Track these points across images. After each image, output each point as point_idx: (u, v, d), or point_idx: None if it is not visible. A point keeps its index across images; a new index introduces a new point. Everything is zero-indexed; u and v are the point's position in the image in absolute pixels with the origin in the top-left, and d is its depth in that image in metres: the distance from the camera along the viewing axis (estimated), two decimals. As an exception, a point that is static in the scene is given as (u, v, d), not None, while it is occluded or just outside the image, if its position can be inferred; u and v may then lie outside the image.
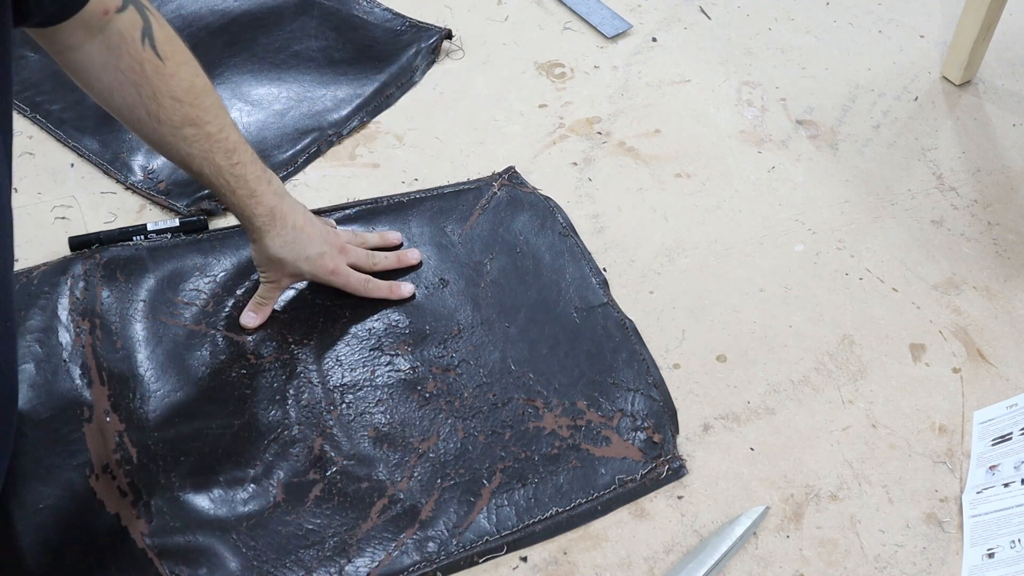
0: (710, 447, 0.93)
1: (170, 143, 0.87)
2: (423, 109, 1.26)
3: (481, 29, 1.38)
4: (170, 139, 0.87)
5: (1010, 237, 1.14)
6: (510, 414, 0.94)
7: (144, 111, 0.85)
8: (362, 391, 0.95)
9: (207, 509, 0.85)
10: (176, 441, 0.89)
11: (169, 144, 0.88)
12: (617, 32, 1.38)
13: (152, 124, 0.86)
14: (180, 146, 0.87)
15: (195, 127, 0.87)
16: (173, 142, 0.87)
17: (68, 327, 0.97)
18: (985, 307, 1.06)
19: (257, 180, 0.92)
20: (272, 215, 0.93)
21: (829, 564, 0.85)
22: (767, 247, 1.12)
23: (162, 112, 0.85)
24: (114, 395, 0.92)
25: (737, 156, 1.22)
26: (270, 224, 0.93)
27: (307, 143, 1.20)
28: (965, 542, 0.86)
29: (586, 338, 1.00)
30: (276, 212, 0.93)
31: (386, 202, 1.13)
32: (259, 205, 0.92)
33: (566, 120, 1.26)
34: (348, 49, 1.32)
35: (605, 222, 1.13)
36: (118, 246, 1.05)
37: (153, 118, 0.85)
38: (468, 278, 1.05)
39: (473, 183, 1.16)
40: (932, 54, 1.38)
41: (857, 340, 1.02)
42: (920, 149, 1.24)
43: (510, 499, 0.87)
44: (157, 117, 0.85)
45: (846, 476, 0.91)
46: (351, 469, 0.89)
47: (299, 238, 0.96)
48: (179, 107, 0.85)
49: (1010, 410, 0.94)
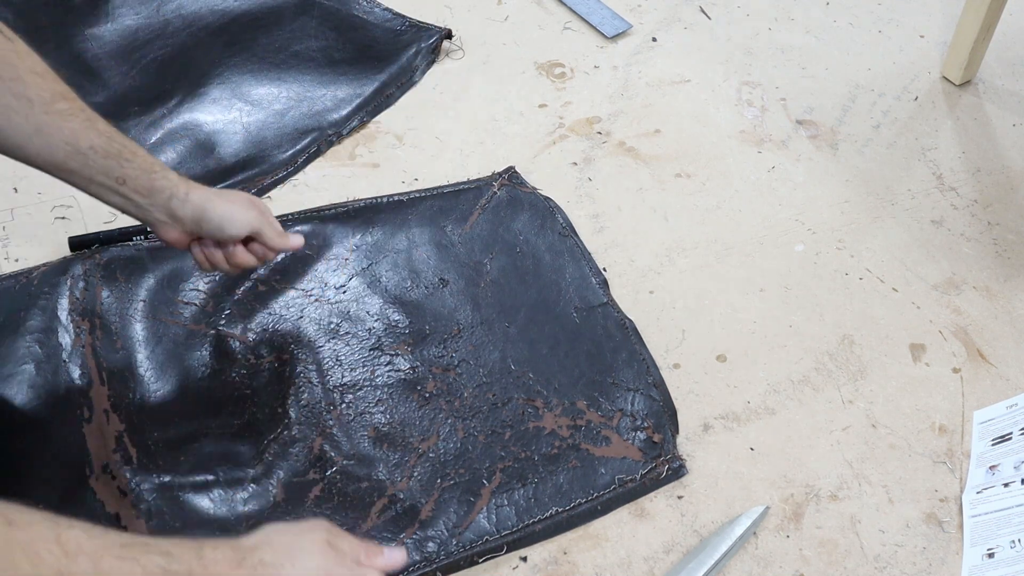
0: (710, 447, 0.93)
1: (48, 125, 0.79)
2: (423, 109, 1.26)
3: (481, 29, 1.38)
4: (46, 119, 0.79)
5: (1010, 237, 1.14)
6: (510, 414, 0.94)
7: (11, 95, 0.77)
8: (362, 391, 0.95)
9: (207, 509, 0.85)
10: (176, 441, 0.89)
11: (47, 127, 0.79)
12: (617, 32, 1.38)
13: (23, 108, 0.78)
14: (60, 124, 0.80)
15: (66, 101, 0.80)
16: (51, 121, 0.79)
17: (68, 327, 0.97)
18: (985, 307, 1.06)
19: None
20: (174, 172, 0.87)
21: (829, 564, 0.85)
22: (767, 247, 1.12)
23: (30, 90, 0.78)
24: (114, 395, 0.92)
25: (737, 156, 1.22)
26: (182, 179, 0.87)
27: (307, 143, 1.20)
28: (965, 542, 0.86)
29: (586, 338, 1.00)
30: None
31: (386, 201, 1.13)
32: (162, 166, 0.86)
33: (566, 120, 1.26)
34: (348, 49, 1.32)
35: (605, 222, 1.13)
36: (118, 246, 1.05)
37: (22, 100, 0.78)
38: (468, 278, 1.05)
39: (473, 183, 1.16)
40: (932, 54, 1.38)
41: (857, 340, 1.02)
42: (920, 149, 1.24)
43: (510, 499, 0.87)
44: (27, 97, 0.78)
45: (846, 476, 0.91)
46: (351, 469, 0.89)
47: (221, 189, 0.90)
48: (44, 82, 0.79)
49: (1010, 410, 0.94)
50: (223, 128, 1.21)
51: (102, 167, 0.82)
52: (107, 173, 0.82)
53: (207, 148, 1.18)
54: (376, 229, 1.09)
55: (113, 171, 0.82)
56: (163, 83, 1.25)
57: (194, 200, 0.86)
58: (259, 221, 0.89)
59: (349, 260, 1.06)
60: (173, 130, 1.19)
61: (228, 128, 1.21)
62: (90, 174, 0.82)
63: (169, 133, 1.19)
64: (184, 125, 1.21)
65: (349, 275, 1.05)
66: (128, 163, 0.83)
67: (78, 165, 0.81)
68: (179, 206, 0.86)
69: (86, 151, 0.80)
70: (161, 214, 0.86)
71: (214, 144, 1.19)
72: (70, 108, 0.80)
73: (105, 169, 0.82)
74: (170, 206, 0.85)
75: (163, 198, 0.85)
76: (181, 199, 0.85)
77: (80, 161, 0.81)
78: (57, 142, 0.79)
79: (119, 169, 0.82)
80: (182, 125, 1.21)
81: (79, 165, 0.81)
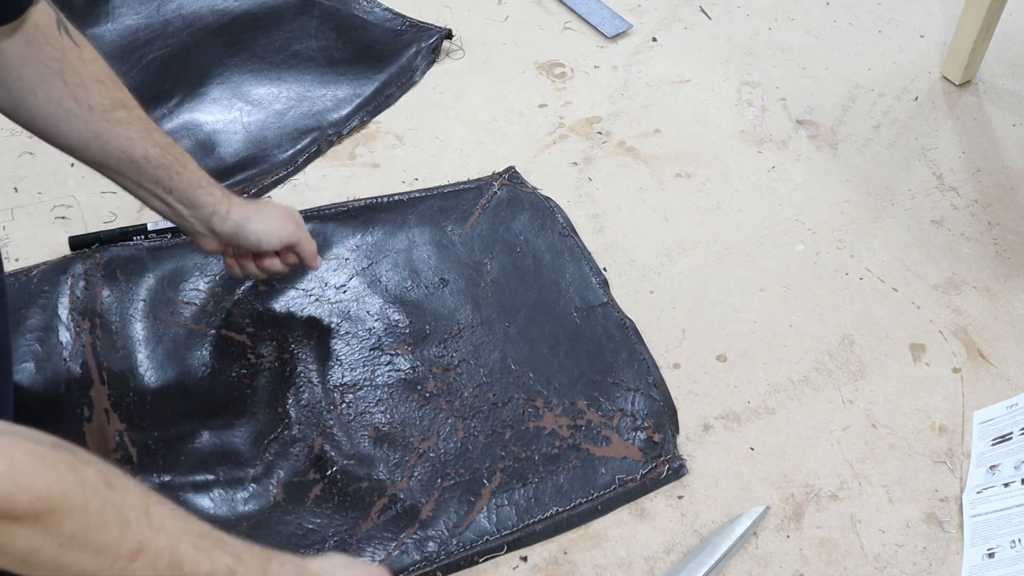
0: (710, 447, 0.93)
1: (106, 132, 0.83)
2: (423, 109, 1.26)
3: (481, 29, 1.38)
4: (105, 127, 0.82)
5: (1010, 237, 1.14)
6: (510, 414, 0.94)
7: (73, 101, 0.81)
8: (362, 391, 0.95)
9: (207, 509, 0.85)
10: (176, 441, 0.89)
11: (105, 134, 0.83)
12: (617, 32, 1.38)
13: (84, 114, 0.81)
14: (118, 132, 0.83)
15: (125, 109, 0.83)
16: (109, 128, 0.83)
17: (68, 326, 0.97)
18: (985, 307, 1.06)
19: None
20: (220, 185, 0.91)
21: (829, 564, 0.85)
22: (767, 247, 1.12)
23: (92, 97, 0.81)
24: (114, 395, 0.92)
25: (737, 156, 1.22)
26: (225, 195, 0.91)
27: (307, 143, 1.20)
28: (965, 542, 0.86)
29: (586, 338, 1.00)
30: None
31: (386, 201, 1.13)
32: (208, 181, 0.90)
33: (566, 120, 1.26)
34: (348, 49, 1.32)
35: (605, 222, 1.13)
36: (118, 246, 1.05)
37: (84, 106, 0.81)
38: (468, 278, 1.05)
39: (473, 183, 1.16)
40: (932, 54, 1.38)
41: (857, 340, 1.02)
42: (920, 149, 1.24)
43: (510, 499, 0.87)
44: (88, 104, 0.81)
45: (846, 476, 0.91)
46: (351, 469, 0.89)
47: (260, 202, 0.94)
48: (106, 90, 0.82)
49: (1010, 410, 0.94)
50: (223, 128, 1.21)
51: (152, 176, 0.85)
52: (156, 182, 0.86)
53: (207, 148, 1.18)
54: (376, 229, 1.09)
55: (162, 181, 0.86)
56: (163, 83, 1.25)
57: (234, 218, 0.90)
58: (296, 235, 0.94)
59: (349, 260, 1.06)
60: (173, 130, 1.19)
61: (228, 128, 1.21)
62: (139, 180, 0.86)
63: (169, 133, 1.18)
64: (184, 125, 1.21)
65: (349, 275, 1.05)
66: (178, 175, 0.87)
67: (130, 171, 0.85)
68: (219, 223, 0.90)
69: (139, 160, 0.84)
70: (201, 226, 0.90)
71: (214, 144, 1.19)
72: (128, 117, 0.83)
73: (155, 178, 0.86)
74: (211, 222, 0.90)
75: (206, 213, 0.89)
76: (222, 217, 0.90)
77: (132, 168, 0.85)
78: (113, 149, 0.83)
79: (168, 180, 0.86)
80: (182, 125, 1.21)
81: (131, 171, 0.85)
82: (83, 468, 0.54)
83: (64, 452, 0.54)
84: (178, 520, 0.59)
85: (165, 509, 0.58)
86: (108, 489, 0.55)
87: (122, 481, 0.56)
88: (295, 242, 0.94)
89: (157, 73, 1.27)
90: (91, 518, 0.53)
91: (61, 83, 0.80)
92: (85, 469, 0.54)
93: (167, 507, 0.58)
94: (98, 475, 0.55)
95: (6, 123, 1.20)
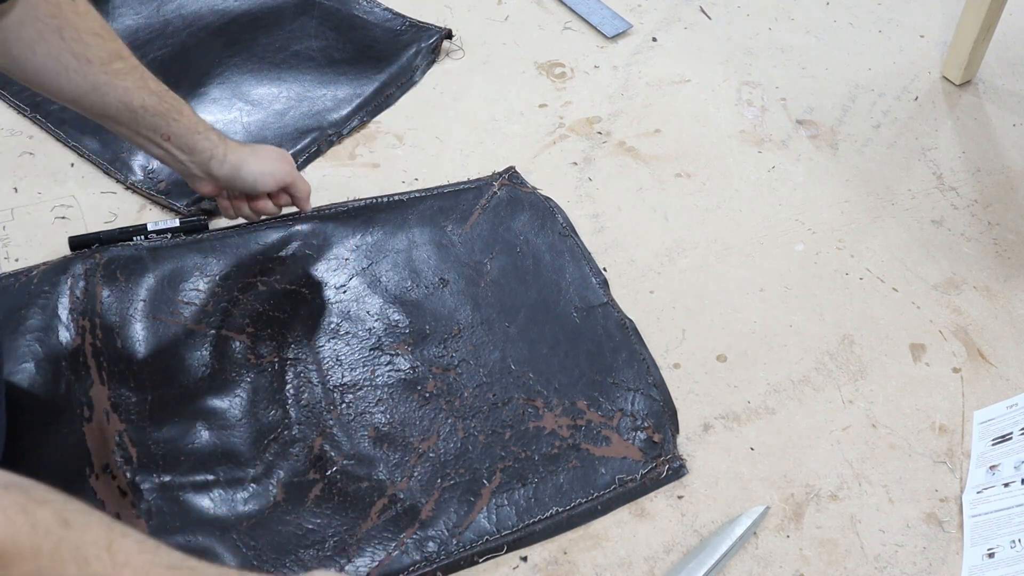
0: (710, 447, 0.93)
1: (104, 84, 0.85)
2: (423, 109, 1.26)
3: (481, 29, 1.38)
4: (103, 79, 0.85)
5: (1010, 237, 1.14)
6: (510, 414, 0.94)
7: (71, 55, 0.83)
8: (362, 391, 0.95)
9: (207, 509, 0.85)
10: (176, 441, 0.89)
11: (103, 86, 0.85)
12: (617, 32, 1.38)
13: (82, 68, 0.83)
14: (115, 83, 0.85)
15: (122, 60, 0.86)
16: (107, 80, 0.85)
17: (68, 326, 0.97)
18: (985, 307, 1.06)
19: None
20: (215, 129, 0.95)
21: (829, 564, 0.85)
22: (767, 247, 1.12)
23: (89, 51, 0.83)
24: (114, 395, 0.92)
25: (737, 156, 1.22)
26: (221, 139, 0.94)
27: (307, 143, 1.20)
28: (965, 542, 0.86)
29: (586, 338, 1.00)
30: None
31: (386, 201, 1.13)
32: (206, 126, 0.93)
33: (566, 120, 1.26)
34: (348, 49, 1.32)
35: (605, 222, 1.13)
36: (118, 246, 1.05)
37: (82, 60, 0.83)
38: (468, 278, 1.05)
39: (473, 183, 1.16)
40: (932, 54, 1.38)
41: (857, 340, 1.02)
42: (920, 149, 1.24)
43: (510, 499, 0.87)
44: (86, 57, 0.83)
45: (846, 476, 0.91)
46: (351, 469, 0.89)
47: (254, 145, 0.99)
48: (103, 42, 0.85)
49: (1010, 410, 0.95)
50: (223, 128, 1.21)
51: (150, 124, 0.88)
52: (154, 129, 0.89)
53: (207, 148, 1.18)
54: (376, 229, 1.09)
55: (160, 128, 0.89)
56: (163, 83, 1.25)
57: (231, 160, 0.94)
58: (291, 176, 0.98)
59: (349, 260, 1.06)
60: (173, 130, 1.19)
61: (228, 128, 1.21)
62: (137, 128, 0.89)
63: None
64: (184, 125, 1.21)
65: (349, 275, 1.05)
66: (175, 122, 0.89)
67: (128, 120, 0.88)
68: (217, 166, 0.93)
69: (137, 109, 0.87)
70: (198, 170, 0.94)
71: (214, 144, 1.19)
72: (125, 67, 0.86)
73: (153, 126, 0.89)
74: (209, 166, 0.93)
75: (204, 157, 0.92)
76: (220, 160, 0.93)
77: (130, 117, 0.88)
78: (111, 100, 0.86)
79: (165, 127, 0.89)
80: (182, 125, 1.21)
81: (129, 120, 0.88)
82: (35, 509, 0.52)
83: (15, 493, 0.52)
84: (145, 553, 0.56)
85: (131, 542, 0.56)
86: (64, 528, 0.52)
87: (82, 518, 0.54)
88: (289, 182, 0.99)
89: (157, 73, 1.25)
90: (43, 560, 0.51)
91: (59, 39, 0.82)
92: (38, 510, 0.52)
93: (132, 539, 0.56)
94: (53, 515, 0.52)
95: (6, 123, 1.20)
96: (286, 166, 0.98)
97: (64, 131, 1.19)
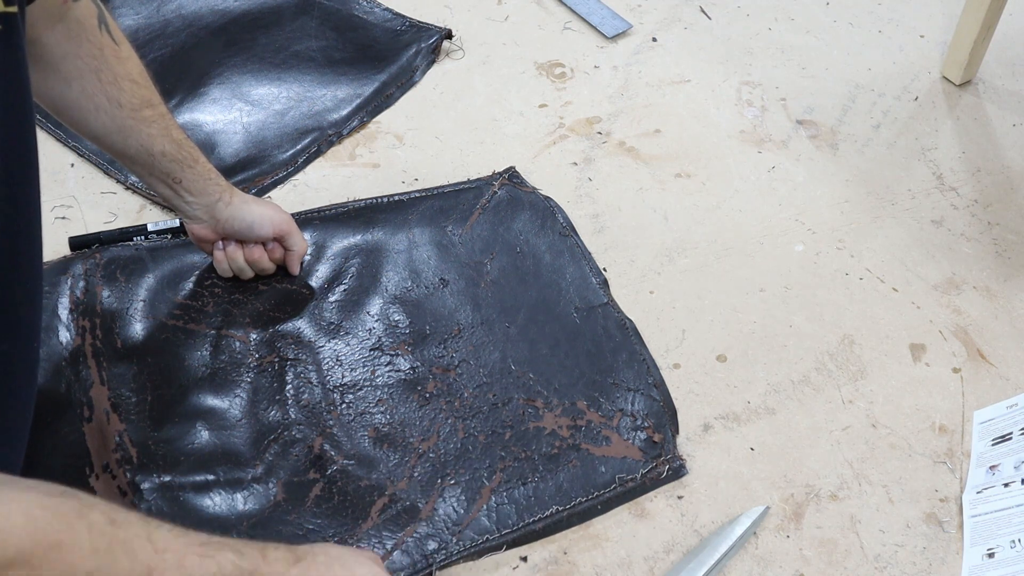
0: (710, 447, 0.93)
1: (130, 128, 0.87)
2: (423, 109, 1.26)
3: (481, 29, 1.38)
4: (130, 123, 0.87)
5: (1010, 237, 1.14)
6: (510, 414, 0.94)
7: (104, 97, 0.85)
8: (362, 391, 0.95)
9: (207, 509, 0.85)
10: (176, 441, 0.89)
11: (128, 130, 0.87)
12: (617, 32, 1.38)
13: (112, 110, 0.86)
14: (141, 128, 0.88)
15: (152, 108, 0.88)
16: (133, 125, 0.87)
17: (68, 327, 0.97)
18: (985, 307, 1.06)
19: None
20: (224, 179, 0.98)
21: (829, 564, 0.85)
22: (767, 247, 1.12)
23: (123, 96, 0.86)
24: (114, 395, 0.92)
25: (737, 156, 1.22)
26: (229, 187, 0.97)
27: (307, 143, 1.20)
28: (965, 542, 0.86)
29: (586, 338, 1.00)
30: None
31: (386, 201, 1.13)
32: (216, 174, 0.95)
33: (566, 120, 1.26)
34: (348, 49, 1.32)
35: (605, 222, 1.13)
36: (118, 246, 1.05)
37: (114, 103, 0.85)
38: (468, 278, 1.05)
39: (473, 183, 1.16)
40: (932, 54, 1.38)
41: (857, 340, 1.02)
42: (920, 149, 1.24)
43: (510, 497, 0.87)
44: (118, 102, 0.86)
45: (846, 476, 0.91)
46: (351, 469, 0.89)
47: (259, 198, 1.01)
48: (137, 89, 0.87)
49: (1010, 410, 0.95)
50: (223, 128, 1.21)
51: (166, 168, 0.91)
52: (168, 174, 0.92)
53: (207, 148, 1.18)
54: (376, 229, 1.09)
55: (174, 173, 0.92)
56: (163, 83, 1.24)
57: (235, 202, 0.96)
58: (289, 225, 1.00)
59: (349, 260, 1.06)
60: (173, 130, 1.19)
61: (228, 128, 1.21)
62: (152, 170, 0.92)
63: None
64: (184, 125, 1.20)
65: (349, 275, 1.05)
66: (190, 169, 0.92)
67: (145, 162, 0.91)
68: (221, 209, 0.96)
69: (156, 154, 0.90)
70: (201, 212, 0.96)
71: (214, 144, 1.19)
72: (153, 115, 0.88)
73: (168, 170, 0.92)
74: (214, 208, 0.95)
75: (210, 200, 0.95)
76: (225, 203, 0.96)
77: (147, 160, 0.90)
78: (132, 143, 0.88)
79: (179, 172, 0.92)
80: (182, 125, 1.19)
81: (146, 162, 0.91)
82: (88, 512, 0.58)
83: (72, 500, 0.58)
84: (179, 537, 0.63)
85: (164, 531, 0.62)
86: (113, 527, 0.59)
87: (123, 515, 0.60)
88: (286, 231, 1.00)
89: (157, 73, 1.25)
90: (102, 557, 0.57)
91: (96, 80, 0.84)
92: (91, 513, 0.58)
93: (166, 528, 0.63)
94: (102, 516, 0.59)
95: (6, 123, 1.20)
96: (286, 216, 1.00)
97: (64, 131, 1.19)
